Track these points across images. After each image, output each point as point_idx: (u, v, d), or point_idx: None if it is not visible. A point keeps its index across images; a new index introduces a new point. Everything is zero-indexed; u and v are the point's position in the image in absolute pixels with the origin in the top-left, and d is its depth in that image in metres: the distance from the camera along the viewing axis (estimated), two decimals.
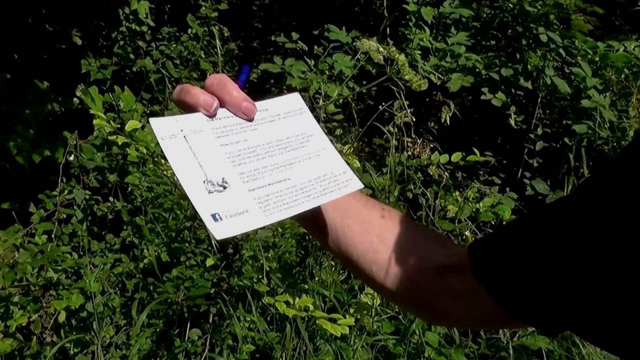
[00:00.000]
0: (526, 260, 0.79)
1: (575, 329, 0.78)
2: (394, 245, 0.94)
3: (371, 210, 0.97)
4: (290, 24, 5.08)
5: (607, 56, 4.10)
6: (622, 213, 0.68)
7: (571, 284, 0.73)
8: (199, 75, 3.84)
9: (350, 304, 2.93)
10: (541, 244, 0.77)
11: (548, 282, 0.76)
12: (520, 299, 0.80)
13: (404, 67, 2.35)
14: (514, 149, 4.31)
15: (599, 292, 0.71)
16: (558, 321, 0.78)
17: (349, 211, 0.96)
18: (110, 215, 3.08)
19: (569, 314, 0.76)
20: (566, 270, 0.74)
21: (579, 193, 0.77)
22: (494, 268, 0.83)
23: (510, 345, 3.08)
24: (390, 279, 0.94)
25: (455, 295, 0.91)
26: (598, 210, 0.71)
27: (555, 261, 0.75)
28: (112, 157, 3.28)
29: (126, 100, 3.27)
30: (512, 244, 0.82)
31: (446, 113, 3.75)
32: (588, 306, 0.73)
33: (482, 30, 4.36)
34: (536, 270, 0.77)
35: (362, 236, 0.95)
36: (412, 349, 2.93)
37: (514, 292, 0.80)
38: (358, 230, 0.95)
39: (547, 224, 0.78)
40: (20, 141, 3.14)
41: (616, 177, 0.71)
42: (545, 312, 0.79)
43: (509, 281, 0.81)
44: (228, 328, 2.73)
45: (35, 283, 2.68)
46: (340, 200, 0.93)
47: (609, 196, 0.70)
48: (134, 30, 4.01)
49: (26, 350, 2.69)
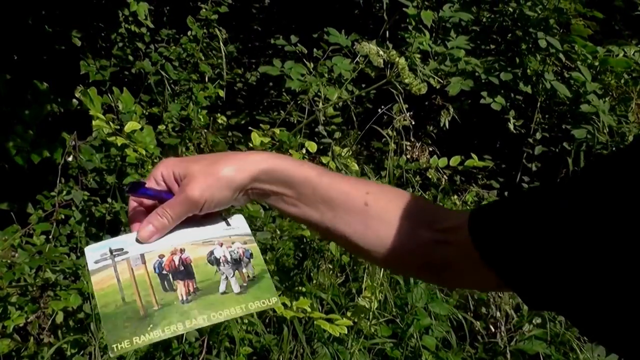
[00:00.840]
0: (525, 235, 0.79)
1: (561, 309, 0.81)
2: (379, 234, 0.96)
3: (355, 198, 0.98)
4: (289, 27, 5.08)
5: (606, 61, 4.10)
6: (622, 201, 0.68)
7: (565, 265, 0.74)
8: (198, 77, 3.83)
9: (348, 307, 2.93)
10: (542, 221, 0.78)
11: (543, 260, 0.77)
12: (514, 271, 0.81)
13: (404, 70, 2.36)
14: (512, 153, 4.32)
15: (592, 278, 0.72)
16: (546, 298, 0.79)
17: (334, 202, 0.97)
18: (108, 216, 3.07)
19: (558, 293, 0.77)
20: (561, 251, 0.74)
21: (586, 175, 0.77)
22: (492, 239, 0.84)
23: (507, 350, 3.09)
24: (382, 259, 0.98)
25: (449, 264, 0.93)
26: (599, 197, 0.72)
27: (552, 240, 0.76)
28: (110, 159, 3.28)
29: (125, 102, 3.27)
30: (514, 218, 0.83)
31: (445, 117, 3.76)
32: (578, 289, 0.74)
33: (482, 35, 4.37)
34: (534, 246, 0.78)
35: (346, 226, 0.97)
36: (409, 353, 2.93)
37: (510, 263, 0.81)
38: (343, 221, 0.97)
39: (551, 202, 0.79)
40: (19, 141, 3.14)
41: (623, 166, 0.71)
42: (536, 288, 0.80)
43: (506, 253, 0.82)
44: (225, 330, 2.73)
45: (33, 283, 2.67)
46: (324, 192, 0.97)
47: (612, 184, 0.71)
48: (133, 32, 4.01)
49: (23, 351, 2.68)
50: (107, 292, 0.90)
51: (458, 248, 0.90)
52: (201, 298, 0.92)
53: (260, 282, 0.97)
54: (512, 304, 3.32)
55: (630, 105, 4.07)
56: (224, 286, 0.95)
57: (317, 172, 0.99)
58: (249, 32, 5.45)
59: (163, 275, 0.93)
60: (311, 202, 0.98)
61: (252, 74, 4.74)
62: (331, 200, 0.97)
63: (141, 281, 0.91)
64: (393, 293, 3.09)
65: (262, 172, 0.96)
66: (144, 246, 0.95)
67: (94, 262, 0.93)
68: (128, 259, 0.93)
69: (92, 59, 3.78)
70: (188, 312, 0.90)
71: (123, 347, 0.85)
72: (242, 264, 0.98)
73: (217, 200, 0.94)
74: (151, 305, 0.89)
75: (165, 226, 0.95)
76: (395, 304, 3.06)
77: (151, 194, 0.97)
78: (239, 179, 0.95)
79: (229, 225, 1.02)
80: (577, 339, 3.17)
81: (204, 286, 0.94)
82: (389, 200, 0.98)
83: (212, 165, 0.95)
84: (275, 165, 0.97)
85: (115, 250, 0.94)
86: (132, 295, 0.90)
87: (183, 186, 0.94)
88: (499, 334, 3.23)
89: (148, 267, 0.93)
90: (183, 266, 0.94)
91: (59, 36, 3.85)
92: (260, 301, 0.95)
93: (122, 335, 0.86)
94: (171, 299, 0.91)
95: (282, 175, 0.97)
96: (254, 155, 0.99)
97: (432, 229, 0.94)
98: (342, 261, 3.06)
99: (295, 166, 0.99)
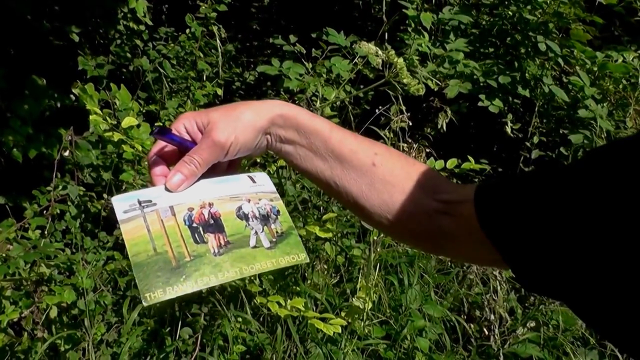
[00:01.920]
0: (528, 216, 0.81)
1: (556, 293, 0.82)
2: (384, 196, 0.98)
3: (363, 157, 1.00)
4: (288, 27, 5.09)
5: (605, 66, 4.10)
6: (626, 188, 0.69)
7: (564, 249, 0.75)
8: (196, 74, 3.83)
9: (342, 307, 2.92)
10: (546, 203, 0.79)
11: (544, 243, 0.78)
12: (515, 250, 0.83)
13: (402, 70, 2.35)
14: (509, 157, 4.32)
15: (591, 263, 0.73)
16: (542, 281, 0.81)
17: (344, 158, 1.00)
18: (104, 212, 3.07)
19: (555, 277, 0.78)
20: (562, 234, 0.76)
21: (592, 159, 0.78)
22: (497, 215, 0.86)
23: (501, 353, 3.09)
24: (383, 222, 1.00)
25: (448, 235, 0.95)
26: (604, 182, 0.72)
27: (554, 223, 0.77)
28: (107, 156, 3.27)
29: (122, 99, 3.26)
30: (519, 197, 0.84)
31: (443, 119, 3.76)
32: (577, 273, 0.75)
33: (481, 38, 4.37)
34: (536, 228, 0.80)
35: (353, 184, 1.00)
36: (402, 354, 2.93)
37: (511, 242, 0.83)
38: (351, 177, 1.00)
39: (556, 184, 0.80)
40: (16, 136, 3.14)
41: (627, 153, 0.72)
42: (533, 269, 0.82)
43: (509, 231, 0.84)
44: (219, 328, 2.72)
45: (27, 278, 2.67)
46: (335, 146, 1.00)
47: (618, 170, 0.71)
48: (132, 29, 4.00)
49: (17, 345, 2.68)
50: (137, 241, 0.90)
51: (460, 220, 0.92)
52: (232, 251, 0.93)
53: (288, 238, 1.00)
54: (506, 307, 3.33)
55: (628, 110, 4.06)
56: (254, 241, 0.96)
57: (330, 126, 1.01)
58: (247, 32, 5.45)
59: (193, 227, 0.93)
60: (321, 154, 1.00)
61: (251, 73, 4.73)
62: (341, 156, 0.99)
63: (172, 232, 0.92)
64: (387, 294, 3.09)
65: (279, 116, 0.99)
66: (172, 198, 0.95)
67: (123, 212, 0.93)
68: (157, 210, 0.94)
69: (90, 55, 3.77)
70: (220, 265, 0.91)
71: (156, 296, 0.85)
72: (270, 220, 1.00)
73: (241, 142, 0.97)
74: (183, 257, 0.90)
75: (194, 173, 0.96)
76: (390, 305, 3.06)
77: (177, 140, 0.98)
78: (259, 122, 0.98)
79: (254, 182, 1.04)
80: (571, 343, 3.17)
81: (234, 239, 0.95)
82: (397, 165, 1.00)
83: (233, 111, 0.98)
84: (290, 111, 1.00)
85: (144, 202, 0.94)
86: (163, 246, 0.90)
87: (207, 132, 0.96)
88: (492, 336, 3.23)
89: (178, 219, 0.94)
90: (213, 220, 0.96)
91: (57, 32, 3.84)
92: (290, 256, 0.97)
93: (154, 284, 0.86)
94: (203, 251, 0.92)
95: (295, 122, 1.00)
96: (271, 101, 1.02)
97: (435, 198, 0.96)
98: (337, 262, 3.06)
99: (309, 116, 1.01)
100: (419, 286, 3.14)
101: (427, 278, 3.22)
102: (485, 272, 3.36)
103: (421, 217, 0.97)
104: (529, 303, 3.51)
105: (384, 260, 3.04)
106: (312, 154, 1.01)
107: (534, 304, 3.45)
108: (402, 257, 3.20)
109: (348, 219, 3.19)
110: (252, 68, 4.75)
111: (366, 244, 3.03)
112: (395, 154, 1.03)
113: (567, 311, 3.24)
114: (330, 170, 1.00)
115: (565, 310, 3.24)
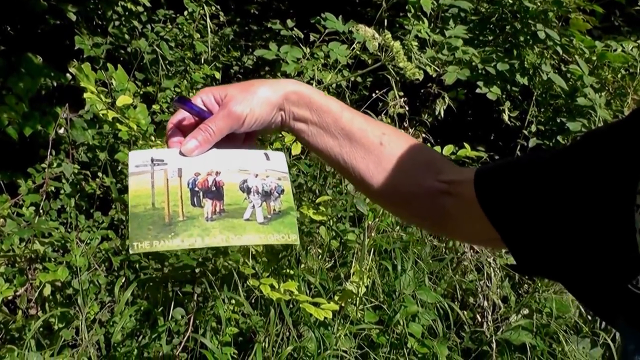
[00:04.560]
0: (527, 198, 0.85)
1: (550, 273, 0.88)
2: (389, 174, 1.02)
3: (372, 136, 1.04)
4: (287, 11, 5.07)
5: (604, 55, 4.10)
6: (619, 170, 0.71)
7: (561, 230, 0.79)
8: (194, 55, 3.82)
9: (335, 291, 2.92)
10: (544, 185, 0.83)
11: (541, 225, 0.83)
12: (513, 230, 0.88)
13: (398, 54, 2.34)
14: (506, 145, 4.32)
15: (585, 244, 0.76)
16: (537, 260, 0.86)
17: (353, 136, 1.04)
18: (98, 190, 3.07)
19: (551, 257, 0.83)
20: (559, 216, 0.80)
21: (588, 142, 0.81)
22: (496, 196, 0.91)
23: (493, 339, 3.09)
24: (388, 200, 1.08)
25: (450, 214, 1.01)
26: (600, 165, 0.75)
27: (551, 205, 0.81)
28: (102, 136, 3.27)
29: (119, 79, 3.26)
30: (518, 178, 0.89)
31: (440, 105, 3.75)
32: (572, 253, 0.78)
33: (481, 25, 4.36)
34: (534, 210, 0.84)
35: (361, 161, 1.04)
36: (395, 340, 2.94)
37: (510, 222, 0.88)
38: (359, 155, 1.04)
39: (554, 166, 0.83)
40: (11, 114, 3.13)
41: (623, 136, 0.74)
42: (529, 250, 0.86)
43: (508, 212, 0.89)
44: (212, 310, 2.73)
45: (21, 254, 2.67)
46: (345, 124, 1.04)
47: (613, 152, 0.74)
48: (130, 10, 3.99)
49: (12, 323, 2.68)
50: (140, 194, 0.95)
51: (460, 200, 0.97)
52: (225, 219, 0.96)
53: (284, 217, 1.02)
54: (500, 294, 3.33)
55: (627, 100, 4.06)
56: (248, 214, 0.99)
57: (340, 106, 1.06)
58: (246, 16, 5.44)
59: (194, 191, 0.97)
60: (332, 132, 1.04)
61: (249, 58, 4.72)
62: (350, 134, 1.03)
63: (173, 192, 0.96)
64: (381, 279, 3.09)
65: (293, 92, 1.02)
66: (183, 162, 0.99)
67: (135, 166, 0.98)
68: (166, 170, 0.98)
69: (87, 35, 3.76)
70: (209, 229, 0.94)
71: (143, 247, 0.90)
72: (272, 197, 1.02)
73: (257, 115, 1.00)
74: (177, 216, 0.94)
75: (209, 140, 1.00)
76: (383, 291, 3.07)
77: (196, 109, 1.02)
78: (274, 97, 1.02)
79: (268, 159, 1.07)
80: (564, 331, 3.18)
81: (230, 209, 0.98)
82: (402, 145, 1.04)
83: (250, 87, 1.02)
84: (303, 89, 1.04)
85: (157, 160, 0.99)
86: (161, 203, 0.95)
87: (225, 103, 1.00)
88: (485, 323, 3.24)
89: (182, 181, 0.98)
90: (215, 187, 0.99)
91: (54, 10, 3.82)
92: (280, 235, 0.99)
93: (144, 236, 0.91)
94: (197, 214, 0.95)
95: (308, 100, 1.03)
96: (285, 80, 1.06)
97: (438, 179, 1.01)
98: (332, 246, 3.06)
99: (321, 95, 1.05)
100: (412, 272, 3.14)
101: (421, 264, 3.22)
102: (479, 259, 3.36)
103: (425, 197, 1.02)
104: (523, 290, 3.52)
105: (378, 246, 3.04)
106: (323, 132, 1.04)
107: (527, 292, 3.46)
108: (396, 242, 3.20)
109: (343, 203, 3.18)
110: (250, 52, 4.73)
111: (361, 229, 3.03)
112: (403, 135, 1.08)
113: (560, 299, 3.25)
114: (340, 147, 1.04)
115: (559, 298, 3.25)
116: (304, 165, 3.26)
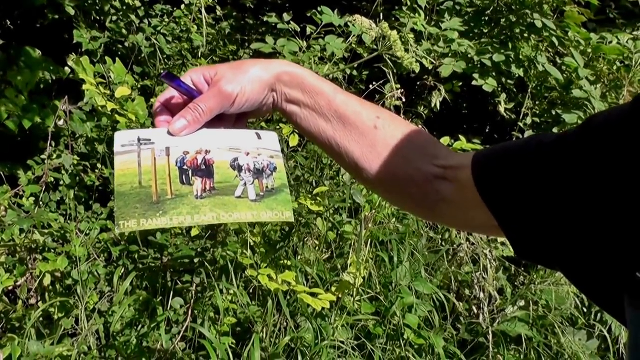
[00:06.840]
0: (525, 184, 0.83)
1: (547, 261, 0.85)
2: (384, 158, 1.00)
3: (366, 119, 1.01)
4: (283, 5, 5.08)
5: (599, 48, 4.11)
6: (621, 159, 0.70)
7: (560, 216, 0.78)
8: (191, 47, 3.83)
9: (332, 282, 2.94)
10: (542, 171, 0.81)
11: (539, 211, 0.81)
12: (510, 216, 0.86)
13: (396, 43, 2.35)
14: (502, 138, 4.33)
15: (584, 232, 0.75)
16: (535, 247, 0.84)
17: (347, 119, 1.01)
18: (98, 182, 3.08)
19: (549, 243, 0.81)
20: (558, 203, 0.78)
21: (589, 130, 0.79)
22: (494, 182, 0.88)
23: (490, 331, 3.11)
24: (383, 185, 1.04)
25: (446, 200, 0.97)
26: (597, 152, 0.74)
27: (549, 192, 0.79)
28: (101, 129, 3.28)
29: (117, 72, 3.27)
30: (516, 165, 0.86)
31: (436, 98, 3.76)
32: (569, 241, 0.77)
33: (476, 17, 4.37)
34: (532, 197, 0.82)
35: (355, 145, 1.01)
36: (391, 331, 2.95)
37: (507, 208, 0.86)
38: (352, 139, 1.01)
39: (553, 152, 0.81)
40: (11, 106, 3.14)
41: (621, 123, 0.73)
42: (527, 236, 0.84)
43: (505, 198, 0.86)
44: (210, 300, 2.74)
45: (21, 244, 2.69)
46: (339, 107, 1.01)
47: (614, 140, 0.73)
48: (127, 4, 4.00)
49: (12, 313, 2.70)
50: (126, 173, 0.93)
51: (457, 186, 0.95)
52: (215, 197, 0.95)
53: (278, 195, 1.00)
54: (496, 286, 3.34)
55: (622, 92, 4.07)
56: (240, 191, 0.97)
57: (334, 88, 1.03)
58: (242, 10, 5.44)
59: (183, 170, 0.95)
60: (325, 115, 1.01)
61: (245, 51, 4.72)
62: (345, 117, 1.01)
63: (161, 171, 0.94)
64: (378, 271, 3.10)
65: (285, 73, 1.00)
66: (171, 141, 0.97)
67: (121, 146, 0.95)
68: (153, 149, 0.96)
69: (85, 29, 3.77)
70: (199, 207, 0.93)
71: (130, 226, 0.88)
72: (264, 175, 1.00)
73: (248, 94, 0.98)
74: (165, 194, 0.92)
75: (198, 120, 0.97)
76: (380, 282, 3.08)
77: (185, 87, 0.99)
78: (266, 76, 0.99)
79: (260, 138, 1.04)
80: (560, 323, 3.19)
81: (220, 187, 0.96)
82: (397, 128, 1.01)
83: (241, 66, 1.00)
84: (296, 71, 1.01)
85: (143, 140, 0.96)
86: (149, 182, 0.93)
87: (214, 82, 0.98)
88: (481, 315, 3.25)
89: (170, 160, 0.95)
90: (205, 166, 0.97)
91: (52, 5, 3.84)
92: (273, 212, 0.98)
93: (131, 214, 0.89)
94: (186, 192, 0.93)
95: (301, 81, 1.01)
96: (278, 60, 1.04)
97: (434, 164, 0.98)
98: (329, 237, 3.07)
99: (314, 77, 1.03)
100: (409, 263, 3.16)
101: (417, 256, 3.23)
102: (475, 250, 3.37)
103: (421, 182, 0.98)
104: (519, 282, 3.53)
105: (375, 237, 3.05)
106: (316, 114, 1.02)
107: (523, 283, 3.47)
108: (393, 234, 3.21)
109: (340, 195, 3.20)
110: (247, 46, 4.73)
111: (358, 221, 3.04)
112: (398, 119, 1.05)
113: (556, 291, 3.26)
114: (333, 130, 1.01)
115: (555, 289, 3.26)
116: (301, 157, 3.28)
